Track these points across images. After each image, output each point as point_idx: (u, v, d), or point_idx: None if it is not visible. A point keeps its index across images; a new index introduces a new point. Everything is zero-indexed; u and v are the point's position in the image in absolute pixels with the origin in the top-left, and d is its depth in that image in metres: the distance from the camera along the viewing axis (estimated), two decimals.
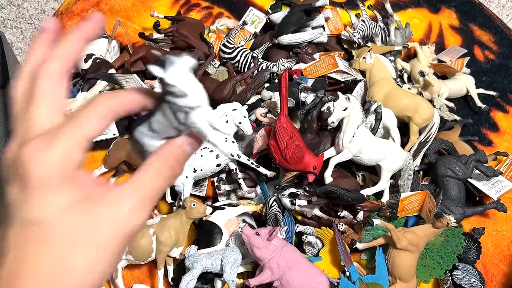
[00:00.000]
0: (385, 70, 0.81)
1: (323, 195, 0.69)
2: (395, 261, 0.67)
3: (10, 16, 0.98)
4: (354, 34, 0.87)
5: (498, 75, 0.93)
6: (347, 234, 0.71)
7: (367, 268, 0.72)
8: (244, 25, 0.92)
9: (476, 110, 0.88)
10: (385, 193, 0.75)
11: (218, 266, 0.66)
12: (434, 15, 1.00)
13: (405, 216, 0.74)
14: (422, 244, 0.68)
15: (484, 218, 0.79)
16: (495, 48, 0.96)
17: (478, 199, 0.79)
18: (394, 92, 0.79)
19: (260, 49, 0.89)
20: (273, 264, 0.63)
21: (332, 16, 0.92)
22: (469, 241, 0.72)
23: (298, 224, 0.72)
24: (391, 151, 0.73)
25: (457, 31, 0.99)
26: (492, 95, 0.89)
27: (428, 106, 0.79)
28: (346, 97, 0.70)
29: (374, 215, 0.72)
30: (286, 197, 0.71)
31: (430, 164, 0.78)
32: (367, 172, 0.77)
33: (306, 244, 0.72)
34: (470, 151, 0.81)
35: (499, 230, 0.79)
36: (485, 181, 0.78)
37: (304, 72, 0.84)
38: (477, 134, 0.86)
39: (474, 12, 1.00)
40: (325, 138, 0.74)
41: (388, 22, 0.93)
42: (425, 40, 0.97)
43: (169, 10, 0.97)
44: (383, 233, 0.70)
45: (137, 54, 0.84)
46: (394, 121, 0.78)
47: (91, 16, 0.26)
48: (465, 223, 0.77)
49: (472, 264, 0.72)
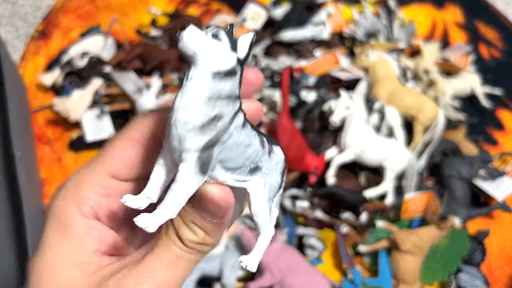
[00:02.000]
0: (388, 68, 0.80)
1: (325, 196, 0.68)
2: (399, 263, 0.66)
3: (5, 13, 0.96)
4: (356, 31, 0.85)
5: (503, 73, 0.92)
6: (350, 236, 0.70)
7: (370, 271, 0.71)
8: (243, 22, 0.91)
9: (481, 109, 0.87)
10: (388, 194, 0.73)
11: (217, 270, 0.65)
12: (439, 12, 0.99)
13: (409, 218, 0.73)
14: (426, 247, 0.67)
15: (489, 219, 0.78)
16: (500, 46, 0.95)
17: (483, 200, 0.78)
18: (398, 91, 0.78)
19: (260, 46, 0.87)
20: (273, 267, 0.62)
21: (334, 12, 0.91)
22: (474, 243, 0.71)
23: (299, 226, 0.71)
24: (395, 150, 0.72)
25: (462, 28, 0.97)
26: (498, 93, 0.88)
27: (432, 105, 0.78)
28: (349, 96, 0.69)
29: (378, 217, 0.71)
30: (287, 198, 0.70)
31: (435, 164, 0.76)
32: (370, 173, 0.76)
33: (308, 247, 0.71)
34: (475, 151, 0.80)
35: (504, 232, 0.78)
36: (490, 182, 0.77)
37: (306, 70, 0.83)
38: (482, 133, 0.85)
39: (479, 8, 0.98)
40: (327, 138, 0.73)
41: (391, 19, 0.91)
42: (429, 37, 0.96)
43: (167, 6, 0.95)
44: (387, 235, 0.69)
45: (134, 52, 0.83)
46: (398, 120, 0.76)
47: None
48: (470, 224, 0.76)
49: (476, 266, 0.71)
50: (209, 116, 0.19)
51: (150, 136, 0.23)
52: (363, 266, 0.71)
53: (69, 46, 0.86)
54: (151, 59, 0.82)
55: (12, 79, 0.75)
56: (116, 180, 0.23)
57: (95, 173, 0.23)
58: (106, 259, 0.23)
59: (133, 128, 0.23)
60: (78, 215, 0.23)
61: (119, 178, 0.23)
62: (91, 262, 0.22)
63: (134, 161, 0.23)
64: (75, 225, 0.23)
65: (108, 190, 0.23)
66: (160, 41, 0.87)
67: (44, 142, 0.80)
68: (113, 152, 0.23)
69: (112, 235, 0.24)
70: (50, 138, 0.81)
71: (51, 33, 0.92)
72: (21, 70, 0.87)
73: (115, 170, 0.23)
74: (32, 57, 0.89)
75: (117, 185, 0.23)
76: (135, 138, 0.23)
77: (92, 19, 0.94)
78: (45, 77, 0.82)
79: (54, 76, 0.82)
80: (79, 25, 0.92)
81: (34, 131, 0.81)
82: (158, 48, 0.85)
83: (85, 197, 0.23)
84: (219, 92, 0.20)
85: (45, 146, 0.80)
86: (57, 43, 0.90)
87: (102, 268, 0.22)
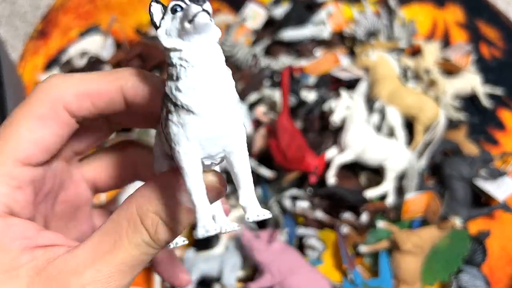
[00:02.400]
0: (389, 67, 0.80)
1: (325, 196, 0.68)
2: (399, 264, 0.66)
3: (4, 13, 0.96)
4: (356, 30, 0.85)
5: (504, 72, 0.91)
6: (350, 237, 0.69)
7: (370, 271, 0.70)
8: (243, 21, 0.90)
9: (482, 109, 0.87)
10: (389, 194, 0.73)
11: (216, 270, 0.64)
12: (439, 11, 0.99)
13: (410, 218, 0.73)
14: (427, 247, 0.66)
15: (490, 220, 0.78)
16: (501, 45, 0.94)
17: (483, 200, 0.78)
18: (399, 90, 0.78)
19: (260, 46, 0.87)
20: (273, 268, 0.62)
21: (334, 12, 0.91)
22: (474, 243, 0.71)
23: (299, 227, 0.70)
24: (395, 150, 0.72)
25: (463, 27, 0.97)
26: (499, 93, 0.88)
27: (433, 105, 0.77)
28: (349, 96, 0.69)
29: (378, 217, 0.71)
30: (287, 199, 0.69)
31: (435, 164, 0.76)
32: (371, 173, 0.76)
33: (308, 247, 0.71)
34: (476, 151, 0.80)
35: (505, 232, 0.77)
36: (490, 182, 0.77)
37: (306, 69, 0.83)
38: (483, 133, 0.85)
39: (480, 8, 0.98)
40: (327, 138, 0.73)
41: (392, 18, 0.91)
42: (430, 36, 0.95)
43: None
44: (387, 236, 0.69)
45: (133, 51, 0.83)
46: (398, 120, 0.76)
47: None
48: (470, 225, 0.75)
49: (477, 267, 0.71)
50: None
51: (62, 109, 0.20)
52: (364, 266, 0.70)
53: (69, 46, 0.86)
54: (150, 58, 0.82)
55: (11, 79, 0.75)
56: (29, 167, 0.20)
57: (1, 164, 0.19)
58: (39, 251, 0.20)
59: (39, 101, 0.20)
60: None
61: (32, 164, 0.20)
62: (22, 265, 0.19)
63: (48, 143, 0.20)
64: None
65: (21, 181, 0.20)
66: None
67: None
68: (20, 134, 0.20)
69: (36, 227, 0.21)
70: None
71: (51, 32, 0.91)
72: (20, 69, 0.87)
73: (27, 156, 0.20)
74: (31, 56, 0.89)
75: (29, 172, 0.20)
76: (44, 114, 0.20)
77: (91, 18, 0.93)
78: (44, 77, 0.82)
79: None
80: (79, 25, 0.92)
81: None
82: (158, 47, 0.84)
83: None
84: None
85: None
86: (57, 42, 0.90)
87: (38, 265, 0.19)
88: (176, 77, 0.19)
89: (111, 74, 0.21)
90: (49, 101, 0.20)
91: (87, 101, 0.21)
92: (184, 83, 0.19)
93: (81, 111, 0.21)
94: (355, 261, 0.69)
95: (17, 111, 0.20)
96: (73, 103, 0.20)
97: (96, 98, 0.21)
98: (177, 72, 0.19)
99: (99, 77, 0.21)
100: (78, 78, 0.21)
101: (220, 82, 0.19)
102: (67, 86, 0.20)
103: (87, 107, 0.21)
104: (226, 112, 0.19)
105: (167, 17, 0.19)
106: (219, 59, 0.19)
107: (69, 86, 0.20)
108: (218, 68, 0.19)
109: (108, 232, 0.20)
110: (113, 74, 0.21)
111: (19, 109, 0.20)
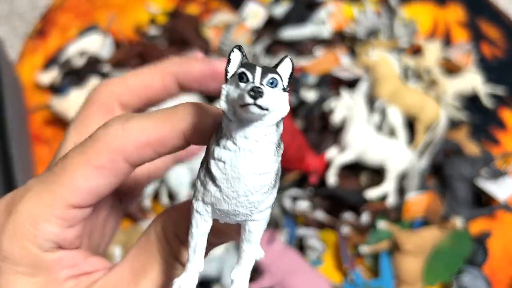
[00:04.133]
0: (390, 67, 0.79)
1: (326, 196, 0.68)
2: (400, 264, 0.65)
3: (2, 12, 0.96)
4: (357, 29, 0.85)
5: (506, 72, 0.91)
6: (351, 237, 0.69)
7: (371, 272, 0.70)
8: (243, 21, 0.90)
9: (483, 109, 0.87)
10: (390, 194, 0.73)
11: (216, 271, 0.64)
12: (440, 10, 0.98)
13: (411, 218, 0.73)
14: (427, 247, 0.66)
15: (491, 220, 0.78)
16: (503, 45, 0.94)
17: (484, 200, 0.77)
18: (400, 90, 0.77)
19: (260, 45, 0.86)
20: (273, 268, 0.62)
21: (334, 11, 0.90)
22: (475, 243, 0.71)
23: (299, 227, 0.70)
24: (396, 150, 0.72)
25: (464, 26, 0.96)
26: (500, 92, 0.88)
27: (434, 105, 0.77)
28: (350, 95, 0.68)
29: (379, 217, 0.70)
30: (287, 199, 0.69)
31: (436, 164, 0.76)
32: (371, 173, 0.75)
33: (308, 248, 0.70)
34: (477, 150, 0.79)
35: (507, 233, 0.77)
36: (492, 182, 0.76)
37: (306, 69, 0.82)
38: (484, 133, 0.85)
39: (481, 7, 0.98)
40: (327, 138, 0.73)
41: (393, 18, 0.91)
42: (431, 36, 0.95)
43: (166, 5, 0.95)
44: (388, 236, 0.68)
45: (133, 51, 0.82)
46: (399, 119, 0.76)
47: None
48: (472, 225, 0.75)
49: (478, 267, 0.70)
50: (279, 168, 0.18)
51: (121, 161, 0.20)
52: (364, 267, 0.70)
53: (67, 45, 0.85)
54: (150, 58, 0.81)
55: (9, 78, 0.75)
56: (78, 209, 0.21)
57: (54, 207, 0.20)
58: (84, 278, 0.22)
59: (98, 151, 0.20)
60: (41, 252, 0.21)
61: (82, 207, 0.21)
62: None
63: (102, 190, 0.21)
64: (42, 263, 0.21)
65: (71, 222, 0.21)
66: (159, 40, 0.87)
67: (43, 142, 0.80)
68: (75, 181, 0.20)
69: (83, 254, 0.23)
70: (48, 138, 0.80)
71: (49, 32, 0.91)
72: (19, 69, 0.86)
73: (78, 202, 0.21)
74: (30, 56, 0.88)
75: (79, 214, 0.21)
76: (102, 165, 0.20)
77: (90, 18, 0.93)
78: (43, 77, 0.82)
79: (52, 76, 0.81)
80: (77, 24, 0.92)
81: (32, 131, 0.80)
82: (157, 47, 0.84)
83: (45, 233, 0.20)
84: (279, 138, 0.18)
85: (43, 146, 0.79)
86: (55, 42, 0.90)
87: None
88: (218, 141, 0.18)
89: (172, 116, 0.20)
90: (108, 152, 0.20)
91: (148, 150, 0.20)
92: (220, 151, 0.18)
93: (142, 160, 0.21)
94: (356, 261, 0.68)
95: (73, 156, 0.21)
96: (134, 154, 0.20)
97: (158, 146, 0.21)
98: (220, 136, 0.18)
99: (160, 121, 0.20)
100: (139, 127, 0.20)
101: (253, 169, 0.17)
102: (127, 136, 0.20)
103: (148, 155, 0.21)
104: (248, 197, 0.18)
105: (234, 78, 0.18)
106: (263, 146, 0.18)
107: (130, 137, 0.20)
108: (257, 155, 0.18)
109: (140, 250, 0.22)
110: (174, 116, 0.20)
111: (76, 154, 0.20)
